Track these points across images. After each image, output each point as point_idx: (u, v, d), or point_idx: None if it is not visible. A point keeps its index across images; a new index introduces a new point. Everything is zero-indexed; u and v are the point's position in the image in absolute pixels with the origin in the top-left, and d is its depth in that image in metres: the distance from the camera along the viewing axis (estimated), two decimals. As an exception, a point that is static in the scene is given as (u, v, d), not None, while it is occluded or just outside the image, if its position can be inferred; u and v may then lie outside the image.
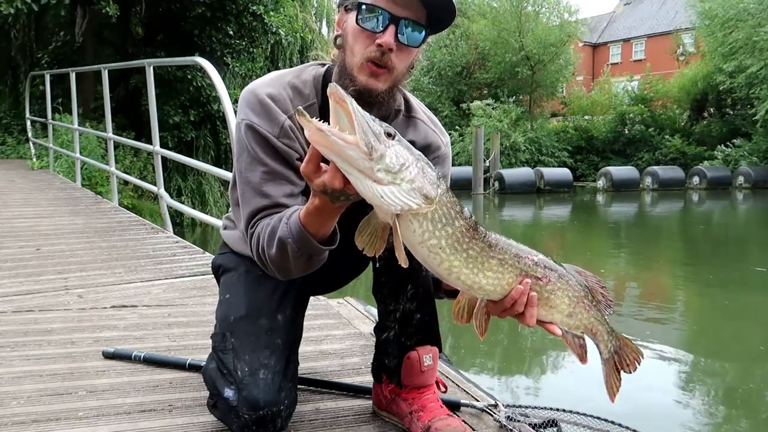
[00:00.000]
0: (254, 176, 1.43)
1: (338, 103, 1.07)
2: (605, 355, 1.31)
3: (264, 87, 1.48)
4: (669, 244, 12.97)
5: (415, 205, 1.09)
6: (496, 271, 1.20)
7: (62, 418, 1.67)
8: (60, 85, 10.43)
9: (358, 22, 1.38)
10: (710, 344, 6.12)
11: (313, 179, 1.17)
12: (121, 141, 7.45)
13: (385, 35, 1.36)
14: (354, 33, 1.40)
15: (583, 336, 1.28)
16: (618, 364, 1.31)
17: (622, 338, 1.32)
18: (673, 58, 31.68)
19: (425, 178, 1.10)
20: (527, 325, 1.23)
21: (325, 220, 1.28)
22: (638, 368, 1.33)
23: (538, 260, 1.23)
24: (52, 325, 2.51)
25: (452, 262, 1.16)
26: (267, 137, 1.43)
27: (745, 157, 24.12)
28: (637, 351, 1.33)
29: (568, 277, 1.25)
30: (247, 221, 1.44)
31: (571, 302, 1.25)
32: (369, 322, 2.56)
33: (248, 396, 1.42)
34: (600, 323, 1.28)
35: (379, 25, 1.37)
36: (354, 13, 1.39)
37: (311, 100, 1.50)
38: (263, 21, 12.13)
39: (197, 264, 3.68)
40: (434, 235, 1.13)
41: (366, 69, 1.39)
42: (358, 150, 1.05)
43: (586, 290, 1.27)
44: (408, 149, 1.12)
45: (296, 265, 1.34)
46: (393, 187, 1.07)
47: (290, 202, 1.42)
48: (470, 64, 31.05)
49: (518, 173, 23.36)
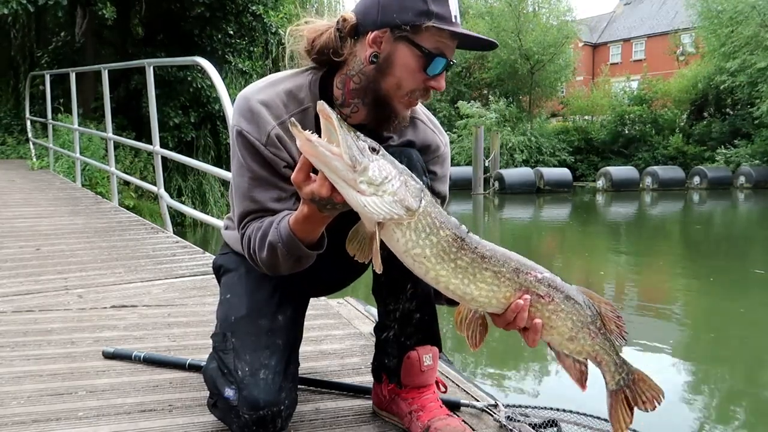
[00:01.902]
0: (242, 181, 1.47)
1: (326, 120, 1.14)
2: (612, 387, 1.26)
3: (257, 93, 1.47)
4: (669, 244, 12.97)
5: (396, 216, 1.14)
6: (490, 283, 1.20)
7: (62, 418, 1.68)
8: (60, 85, 10.43)
9: (423, 68, 1.37)
10: (710, 345, 6.12)
11: (303, 187, 1.23)
12: (122, 141, 7.45)
13: (441, 81, 1.40)
14: (408, 69, 1.38)
15: (585, 362, 1.25)
16: (631, 400, 1.26)
17: (638, 373, 1.26)
18: (672, 59, 31.68)
19: (408, 190, 1.15)
20: (529, 345, 1.23)
21: (313, 227, 1.33)
22: (657, 407, 1.26)
23: (542, 278, 1.21)
24: (52, 325, 2.51)
25: (438, 271, 1.19)
26: (254, 144, 1.44)
27: (746, 160, 24.07)
28: (657, 389, 1.26)
29: (575, 300, 1.22)
30: (238, 222, 1.50)
31: (574, 326, 1.22)
32: (369, 322, 2.57)
33: (248, 396, 1.42)
34: (606, 353, 1.24)
35: (437, 70, 1.38)
36: (407, 46, 1.36)
37: (306, 104, 1.49)
38: (263, 21, 12.13)
39: (197, 264, 3.68)
40: (418, 245, 1.18)
41: (407, 102, 1.42)
42: (342, 162, 1.12)
43: (596, 317, 1.23)
44: (392, 163, 1.18)
45: (285, 265, 1.41)
46: (375, 198, 1.13)
47: (278, 206, 1.45)
48: (469, 64, 31.06)
49: (518, 173, 23.37)
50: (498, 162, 23.96)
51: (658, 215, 18.42)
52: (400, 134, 1.57)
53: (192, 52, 9.49)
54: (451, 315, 1.28)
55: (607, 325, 1.24)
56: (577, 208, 19.65)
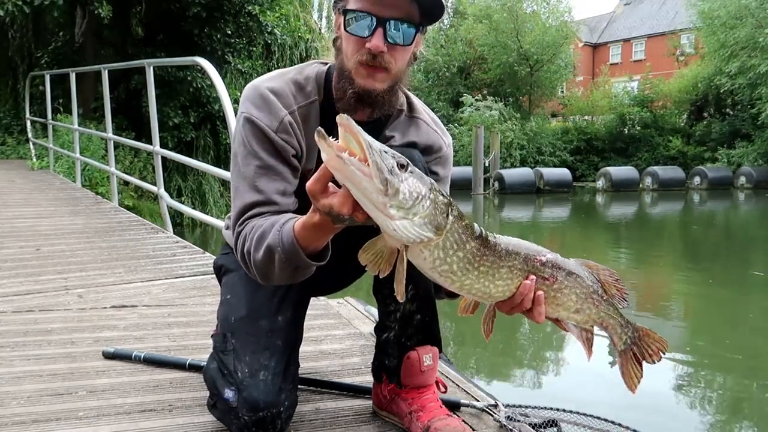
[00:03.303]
0: (249, 170, 1.43)
1: (350, 134, 1.06)
2: (620, 347, 1.30)
3: (267, 82, 1.49)
4: (669, 244, 12.97)
5: (426, 238, 1.10)
6: (506, 278, 1.20)
7: (62, 418, 1.68)
8: (60, 85, 10.42)
9: (346, 29, 1.38)
10: (710, 346, 6.11)
11: (320, 199, 1.15)
12: (121, 141, 7.45)
13: (374, 39, 1.35)
14: (345, 38, 1.40)
15: (592, 329, 1.28)
16: (639, 356, 1.30)
17: (641, 329, 1.30)
18: (672, 59, 31.69)
19: (437, 209, 1.11)
20: (536, 321, 1.24)
21: (320, 237, 1.26)
22: (663, 357, 1.32)
23: (546, 260, 1.23)
24: (52, 325, 2.51)
25: (464, 281, 1.18)
26: (264, 130, 1.43)
27: (752, 159, 24.02)
28: (660, 340, 1.31)
29: (576, 274, 1.25)
30: (238, 216, 1.42)
31: (578, 299, 1.25)
32: (369, 322, 2.57)
33: (248, 397, 1.42)
34: (611, 317, 1.28)
35: (365, 31, 1.36)
36: (342, 15, 1.39)
37: (313, 97, 1.50)
38: (258, 20, 12.14)
39: (197, 264, 3.68)
40: (445, 262, 1.14)
41: (362, 71, 1.39)
42: (372, 183, 1.05)
43: (597, 285, 1.27)
44: (420, 179, 1.11)
45: (280, 274, 1.33)
46: (406, 222, 1.08)
47: (283, 200, 1.42)
48: (469, 64, 31.07)
49: (518, 173, 23.36)
50: (498, 162, 23.96)
51: (658, 215, 18.41)
52: (402, 135, 1.57)
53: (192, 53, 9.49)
54: (450, 315, 1.29)
55: (608, 290, 1.28)
56: (576, 209, 19.65)
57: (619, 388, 1.34)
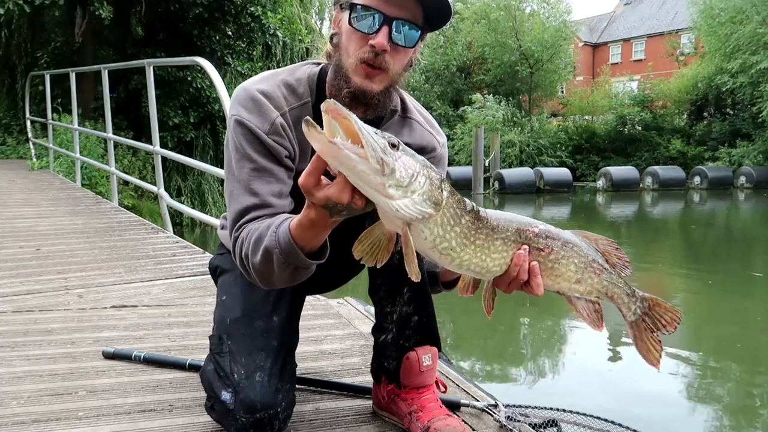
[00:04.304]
0: (243, 173, 1.41)
1: (337, 119, 1.04)
2: (630, 318, 1.26)
3: (257, 84, 1.46)
4: (669, 244, 12.96)
5: (426, 214, 1.09)
6: (501, 251, 1.20)
7: (62, 418, 1.68)
8: (60, 85, 10.42)
9: (351, 23, 1.36)
10: (711, 346, 6.11)
11: (315, 193, 1.13)
12: (121, 141, 7.45)
13: (379, 36, 1.34)
14: (348, 33, 1.38)
15: (598, 301, 1.25)
16: (652, 326, 1.26)
17: (651, 299, 1.27)
18: (672, 59, 31.68)
19: (432, 184, 1.10)
20: (535, 294, 1.22)
21: (317, 234, 1.24)
22: (678, 327, 1.27)
23: (539, 231, 1.22)
24: (52, 325, 2.51)
25: (463, 257, 1.17)
26: (256, 133, 1.41)
27: (754, 158, 23.98)
28: (672, 309, 1.27)
29: (573, 243, 1.23)
30: (234, 221, 1.40)
31: (578, 269, 1.23)
32: (369, 322, 2.56)
33: (245, 399, 1.42)
34: (615, 286, 1.25)
35: (373, 26, 1.34)
36: (347, 12, 1.37)
37: (305, 98, 1.48)
38: (261, 22, 12.13)
39: (197, 264, 3.68)
40: (444, 239, 1.14)
41: (360, 70, 1.37)
42: (369, 165, 1.03)
43: (595, 254, 1.24)
44: (413, 157, 1.11)
45: (280, 276, 1.30)
46: (406, 200, 1.07)
47: (278, 202, 1.40)
48: (468, 65, 31.05)
49: (518, 173, 23.34)
50: (498, 162, 23.95)
51: (659, 215, 18.41)
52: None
53: (192, 53, 9.51)
54: (450, 314, 1.28)
55: (609, 259, 1.26)
56: (577, 208, 19.64)
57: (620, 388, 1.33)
